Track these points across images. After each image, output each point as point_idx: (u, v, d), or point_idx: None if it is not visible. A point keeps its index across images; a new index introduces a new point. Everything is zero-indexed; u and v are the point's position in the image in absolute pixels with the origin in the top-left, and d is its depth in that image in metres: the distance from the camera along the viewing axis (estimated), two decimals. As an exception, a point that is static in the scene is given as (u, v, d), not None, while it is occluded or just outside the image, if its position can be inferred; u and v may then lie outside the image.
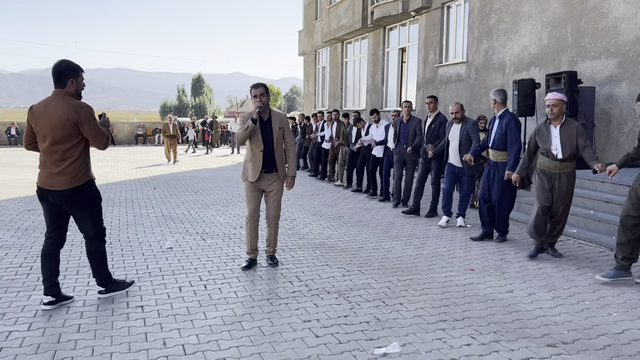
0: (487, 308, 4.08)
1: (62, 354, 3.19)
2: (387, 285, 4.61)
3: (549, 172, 5.39)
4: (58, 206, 3.86)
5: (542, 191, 5.41)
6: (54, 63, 3.82)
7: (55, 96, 3.75)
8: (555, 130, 5.31)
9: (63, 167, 3.73)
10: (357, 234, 6.71)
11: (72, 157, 3.75)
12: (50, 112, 3.68)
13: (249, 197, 5.10)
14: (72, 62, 3.82)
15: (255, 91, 4.92)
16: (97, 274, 4.17)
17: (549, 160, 5.35)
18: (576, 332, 3.63)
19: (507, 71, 11.34)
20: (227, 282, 4.66)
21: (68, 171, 3.74)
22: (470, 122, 6.98)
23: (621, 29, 8.67)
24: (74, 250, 5.63)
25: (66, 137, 3.70)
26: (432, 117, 7.83)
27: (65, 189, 3.75)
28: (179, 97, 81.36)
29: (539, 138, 5.46)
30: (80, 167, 3.80)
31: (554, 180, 5.38)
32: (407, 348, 3.34)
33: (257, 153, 4.98)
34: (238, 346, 3.34)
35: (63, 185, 3.74)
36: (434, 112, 7.83)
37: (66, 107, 3.68)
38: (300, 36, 24.99)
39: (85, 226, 3.99)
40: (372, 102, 17.41)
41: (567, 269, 5.18)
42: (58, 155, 3.72)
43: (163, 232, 6.67)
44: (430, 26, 14.11)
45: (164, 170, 14.31)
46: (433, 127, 7.77)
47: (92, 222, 3.99)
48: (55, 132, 3.67)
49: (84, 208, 3.91)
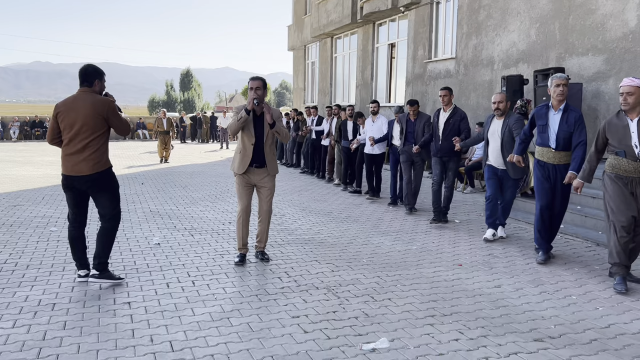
0: (475, 303, 4.10)
1: (48, 351, 3.16)
2: (376, 281, 4.61)
3: (627, 176, 4.42)
4: (82, 192, 4.33)
5: (623, 202, 4.39)
6: (82, 66, 4.45)
7: (82, 93, 4.28)
8: (633, 123, 4.39)
9: (88, 154, 4.20)
10: (346, 229, 6.71)
11: (96, 145, 4.23)
12: (79, 106, 4.19)
13: (241, 192, 5.08)
14: (98, 67, 4.43)
15: (253, 83, 4.90)
16: (99, 256, 4.37)
17: (628, 161, 4.39)
18: (563, 326, 3.66)
19: (495, 67, 11.38)
20: (216, 278, 4.64)
21: (92, 157, 4.21)
22: (513, 117, 5.99)
23: (608, 25, 8.73)
24: (60, 246, 5.57)
25: (93, 128, 4.19)
26: (449, 112, 6.99)
27: (90, 174, 4.21)
28: (168, 92, 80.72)
29: (610, 134, 4.51)
30: (103, 154, 4.29)
31: (634, 186, 4.40)
32: (395, 343, 3.34)
33: (248, 146, 4.96)
34: (226, 342, 3.32)
35: (88, 171, 4.20)
36: (450, 105, 7.00)
37: (95, 102, 4.21)
38: (289, 31, 24.89)
39: (105, 208, 4.39)
40: (361, 98, 17.41)
41: (554, 264, 5.22)
42: (84, 144, 4.19)
43: (151, 227, 6.62)
44: (420, 22, 14.12)
45: (152, 166, 14.20)
46: (451, 123, 6.93)
47: (112, 204, 4.40)
48: (83, 123, 4.16)
49: (106, 191, 4.36)
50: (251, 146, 4.95)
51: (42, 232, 6.22)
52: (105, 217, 4.41)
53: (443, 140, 7.01)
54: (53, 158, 15.88)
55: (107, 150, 4.36)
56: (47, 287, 4.28)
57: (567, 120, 5.04)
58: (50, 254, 5.27)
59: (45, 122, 26.38)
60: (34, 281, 4.44)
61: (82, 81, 4.32)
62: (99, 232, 4.42)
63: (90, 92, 4.29)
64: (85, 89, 4.29)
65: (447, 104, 6.98)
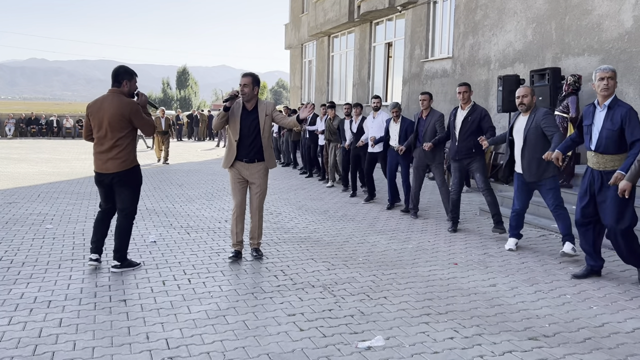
0: (470, 302, 4.11)
1: (43, 348, 3.15)
2: (372, 279, 4.63)
3: None
4: (111, 187, 4.61)
5: None
6: (114, 67, 4.66)
7: (110, 94, 4.50)
8: None
9: (116, 153, 4.47)
10: (343, 228, 6.72)
11: (122, 145, 4.48)
12: (106, 107, 4.43)
13: (234, 188, 5.13)
14: (129, 68, 4.63)
15: (241, 80, 4.95)
16: (119, 250, 4.65)
17: None
18: (557, 325, 3.68)
19: (492, 67, 11.40)
20: (212, 276, 4.64)
21: (119, 156, 4.48)
22: (541, 111, 5.30)
23: (604, 26, 8.76)
24: (56, 244, 5.56)
25: (118, 129, 4.43)
26: (468, 109, 6.31)
27: (117, 172, 4.49)
28: (164, 90, 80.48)
29: None
30: (129, 153, 4.54)
31: None
32: (391, 341, 3.35)
33: (232, 142, 5.05)
34: (222, 340, 3.33)
35: (115, 169, 4.49)
36: (468, 103, 6.34)
37: (120, 104, 4.42)
38: (286, 29, 24.87)
39: (124, 203, 4.64)
40: (358, 97, 17.41)
41: (549, 263, 5.24)
42: (111, 143, 4.45)
43: (147, 225, 6.61)
44: (417, 21, 14.13)
45: (148, 164, 14.16)
46: (470, 121, 6.26)
47: (131, 200, 4.65)
48: (110, 124, 4.41)
49: (129, 187, 4.61)
50: (234, 142, 5.00)
51: (37, 229, 6.21)
52: (123, 212, 4.67)
53: (461, 141, 6.31)
54: (49, 155, 15.83)
55: (133, 149, 4.61)
56: (43, 285, 4.28)
57: (612, 118, 4.38)
58: (45, 252, 5.26)
59: (40, 119, 26.36)
60: (30, 278, 4.43)
61: (113, 82, 4.57)
62: (117, 228, 4.68)
63: (118, 92, 4.51)
64: (114, 90, 4.52)
65: (466, 101, 6.30)
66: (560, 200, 5.37)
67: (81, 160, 14.48)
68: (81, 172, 11.97)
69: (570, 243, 5.28)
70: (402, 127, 7.77)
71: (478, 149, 6.26)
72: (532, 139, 5.29)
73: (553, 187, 5.35)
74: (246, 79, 4.90)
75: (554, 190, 5.36)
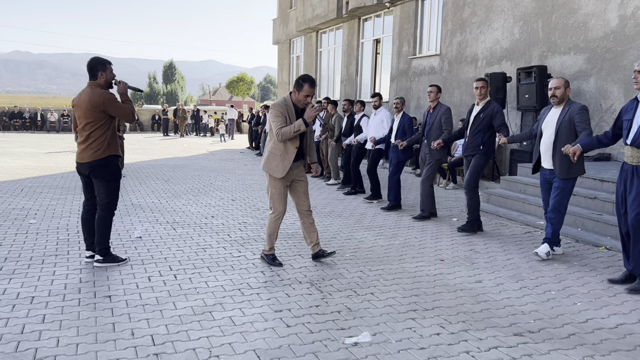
0: (457, 298, 4.14)
1: (26, 345, 3.11)
2: (359, 275, 4.63)
3: None
4: (89, 177, 4.64)
5: None
6: (88, 60, 4.70)
7: (87, 87, 4.59)
8: None
9: (89, 143, 4.54)
10: (330, 224, 6.72)
11: (96, 135, 4.53)
12: (82, 100, 4.53)
13: (282, 194, 4.84)
14: (101, 58, 4.66)
15: (311, 90, 4.65)
16: (99, 242, 4.66)
17: None
18: (542, 321, 3.71)
19: (479, 64, 11.46)
20: (198, 272, 4.61)
21: (93, 146, 4.53)
22: (576, 105, 5.00)
23: (590, 25, 8.85)
24: (39, 239, 5.48)
25: (92, 120, 4.50)
26: (482, 105, 6.18)
27: (89, 161, 4.55)
28: (150, 84, 79.85)
29: None
30: (102, 143, 4.55)
31: None
32: (377, 337, 3.36)
33: (292, 150, 4.74)
34: (208, 336, 3.31)
35: (88, 158, 4.55)
36: (485, 99, 6.19)
37: (92, 95, 4.49)
38: (274, 25, 24.76)
39: (100, 195, 4.66)
40: (346, 93, 17.41)
41: (534, 259, 5.28)
42: (86, 134, 4.54)
43: (132, 221, 6.55)
44: (405, 18, 14.15)
45: (133, 158, 14.03)
46: (481, 117, 6.13)
47: (107, 192, 4.64)
48: (85, 116, 4.51)
49: (103, 179, 4.61)
50: (295, 149, 4.76)
51: (20, 224, 6.12)
52: (99, 204, 4.69)
53: (470, 136, 6.24)
54: (32, 149, 15.62)
55: (107, 139, 4.60)
56: (26, 280, 4.22)
57: None
58: (29, 247, 5.18)
59: (24, 113, 26.01)
60: (12, 274, 4.36)
61: (89, 75, 4.62)
62: (96, 220, 4.69)
63: (94, 85, 4.57)
64: (91, 83, 4.59)
65: (482, 97, 6.17)
66: (561, 205, 5.12)
67: (65, 155, 14.30)
68: (65, 166, 11.82)
69: (548, 247, 5.18)
70: (401, 122, 7.70)
71: (486, 147, 6.18)
72: (564, 132, 5.00)
73: (565, 188, 5.08)
74: (314, 90, 4.72)
75: (564, 192, 5.09)
